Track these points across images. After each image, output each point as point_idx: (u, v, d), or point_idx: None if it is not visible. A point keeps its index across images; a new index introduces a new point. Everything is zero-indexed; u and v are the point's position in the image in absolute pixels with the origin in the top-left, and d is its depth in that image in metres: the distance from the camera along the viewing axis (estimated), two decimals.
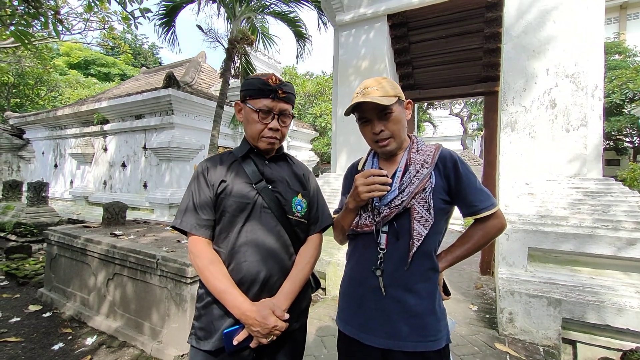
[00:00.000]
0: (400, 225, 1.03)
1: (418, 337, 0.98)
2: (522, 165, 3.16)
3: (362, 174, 1.03)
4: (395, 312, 1.01)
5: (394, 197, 1.03)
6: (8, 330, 2.82)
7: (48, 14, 3.82)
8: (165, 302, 2.39)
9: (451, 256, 1.10)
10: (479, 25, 4.13)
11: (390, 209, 1.03)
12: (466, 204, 1.06)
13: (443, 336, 1.01)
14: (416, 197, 1.01)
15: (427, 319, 1.00)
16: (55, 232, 3.34)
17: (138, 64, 25.22)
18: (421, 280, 1.02)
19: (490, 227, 1.07)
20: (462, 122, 20.33)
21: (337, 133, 4.53)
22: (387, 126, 1.06)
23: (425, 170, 1.04)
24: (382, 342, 1.00)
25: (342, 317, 1.13)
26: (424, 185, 1.02)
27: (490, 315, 3.07)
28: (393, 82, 1.10)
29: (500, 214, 1.07)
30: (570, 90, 3.01)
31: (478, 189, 1.05)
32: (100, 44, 9.27)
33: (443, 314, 1.06)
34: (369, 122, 1.09)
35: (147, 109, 6.88)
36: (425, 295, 1.02)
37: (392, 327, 1.00)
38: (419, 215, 1.01)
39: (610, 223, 2.54)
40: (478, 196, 1.05)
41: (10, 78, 13.75)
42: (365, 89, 1.07)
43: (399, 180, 1.05)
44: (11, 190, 6.86)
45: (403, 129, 1.10)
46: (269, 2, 6.15)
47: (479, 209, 1.04)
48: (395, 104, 1.06)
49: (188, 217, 1.11)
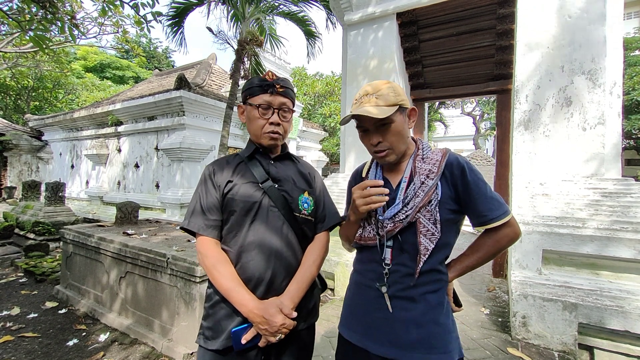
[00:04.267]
0: (406, 240, 0.98)
1: (425, 348, 0.93)
2: (536, 165, 3.07)
3: (359, 185, 0.99)
4: (401, 321, 0.96)
5: (398, 210, 0.98)
6: (26, 325, 2.91)
7: (64, 18, 3.94)
8: (175, 301, 2.42)
9: (461, 265, 1.06)
10: (490, 22, 4.05)
11: (394, 224, 0.98)
12: (475, 214, 0.99)
13: (454, 349, 0.95)
14: (421, 210, 0.96)
15: (435, 329, 0.95)
16: (70, 230, 3.43)
17: (152, 67, 25.71)
18: (429, 291, 0.98)
19: (502, 236, 1.00)
20: (474, 122, 19.96)
21: (345, 133, 4.51)
22: (385, 137, 1.00)
23: (430, 181, 0.98)
24: (387, 352, 0.96)
25: (346, 324, 1.10)
26: (430, 198, 0.96)
27: (502, 318, 3.00)
28: (396, 88, 1.00)
29: (513, 223, 1.00)
30: (587, 88, 2.92)
31: (488, 197, 0.98)
32: (114, 47, 9.51)
33: (453, 325, 1.00)
34: (367, 131, 1.04)
35: (159, 111, 7.01)
36: (433, 305, 0.97)
37: (398, 336, 0.95)
38: (424, 229, 0.96)
39: (630, 225, 2.45)
40: (488, 205, 0.97)
41: (29, 82, 14.26)
42: (363, 97, 1.00)
43: (403, 191, 1.00)
44: (30, 190, 7.09)
45: (403, 139, 1.02)
46: (278, 2, 6.18)
47: (489, 219, 0.97)
48: (395, 114, 0.98)
49: (196, 218, 1.13)
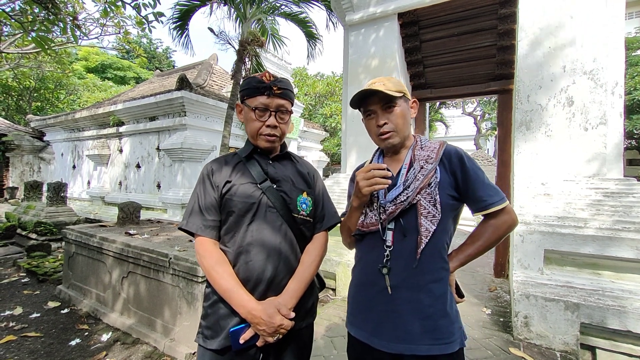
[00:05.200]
0: (407, 222, 1.01)
1: (431, 340, 0.95)
2: (537, 165, 3.07)
3: (362, 169, 1.03)
4: (406, 314, 0.98)
5: (399, 193, 1.02)
6: (29, 325, 2.92)
7: (66, 19, 3.96)
8: (177, 301, 2.42)
9: (462, 255, 1.07)
10: (492, 22, 4.04)
11: (395, 206, 1.01)
12: (474, 199, 1.03)
13: (457, 339, 0.98)
14: (421, 192, 1.00)
15: (439, 320, 0.97)
16: (72, 231, 3.44)
17: (153, 67, 25.74)
18: (432, 281, 0.99)
19: (501, 222, 1.03)
20: (475, 122, 19.94)
21: (347, 133, 4.51)
22: (390, 119, 1.07)
23: (429, 165, 1.03)
24: (394, 347, 0.98)
25: (352, 322, 1.11)
26: (429, 180, 1.00)
27: (504, 318, 3.00)
28: (399, 82, 1.11)
29: (510, 209, 1.04)
30: (589, 88, 2.91)
31: (486, 184, 1.03)
32: (116, 48, 9.53)
33: (456, 316, 1.02)
34: (373, 114, 1.10)
35: (160, 111, 7.03)
36: (437, 296, 0.99)
37: (404, 331, 0.97)
38: (425, 211, 0.99)
39: (632, 225, 2.44)
40: (487, 191, 1.02)
41: (31, 82, 14.32)
42: (373, 83, 1.09)
43: (404, 176, 1.05)
44: (32, 190, 7.12)
45: (407, 124, 1.10)
46: (280, 3, 6.19)
47: (488, 204, 1.01)
48: (400, 99, 1.07)
49: (194, 218, 1.13)
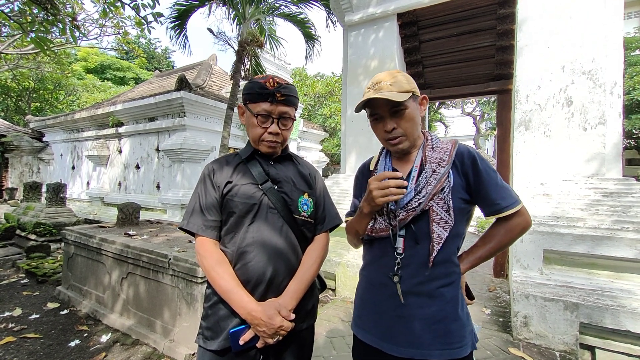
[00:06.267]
0: (419, 229, 0.97)
1: (443, 345, 0.93)
2: (536, 165, 3.07)
3: (376, 177, 0.97)
4: (417, 319, 0.95)
5: (411, 199, 0.97)
6: (28, 326, 2.92)
7: (66, 20, 3.96)
8: (177, 301, 2.42)
9: (473, 257, 1.04)
10: (491, 23, 4.05)
11: (407, 212, 0.97)
12: (488, 202, 0.98)
13: (468, 342, 0.96)
14: (434, 198, 0.95)
15: (451, 325, 0.94)
16: (72, 232, 3.43)
17: (152, 67, 25.72)
18: (443, 285, 0.97)
19: (515, 225, 0.99)
20: (474, 122, 19.93)
21: (346, 134, 4.51)
22: (399, 124, 1.00)
23: (442, 169, 0.97)
24: (405, 352, 0.95)
25: (360, 325, 1.07)
26: (442, 185, 0.95)
27: (504, 318, 3.00)
28: (408, 76, 1.03)
29: (524, 212, 0.99)
30: (588, 88, 2.92)
31: (500, 186, 0.98)
32: (115, 48, 9.53)
33: (468, 319, 1.00)
34: (380, 119, 1.03)
35: (160, 112, 7.02)
36: (448, 299, 0.96)
37: (415, 335, 0.94)
38: (437, 217, 0.95)
39: (631, 225, 2.45)
40: (500, 194, 0.97)
41: (30, 83, 14.29)
42: (378, 83, 1.00)
43: (415, 180, 0.99)
44: (31, 191, 7.11)
45: (417, 126, 1.03)
46: (279, 3, 6.19)
47: (502, 208, 0.97)
48: (409, 100, 0.99)
49: (195, 218, 1.13)
